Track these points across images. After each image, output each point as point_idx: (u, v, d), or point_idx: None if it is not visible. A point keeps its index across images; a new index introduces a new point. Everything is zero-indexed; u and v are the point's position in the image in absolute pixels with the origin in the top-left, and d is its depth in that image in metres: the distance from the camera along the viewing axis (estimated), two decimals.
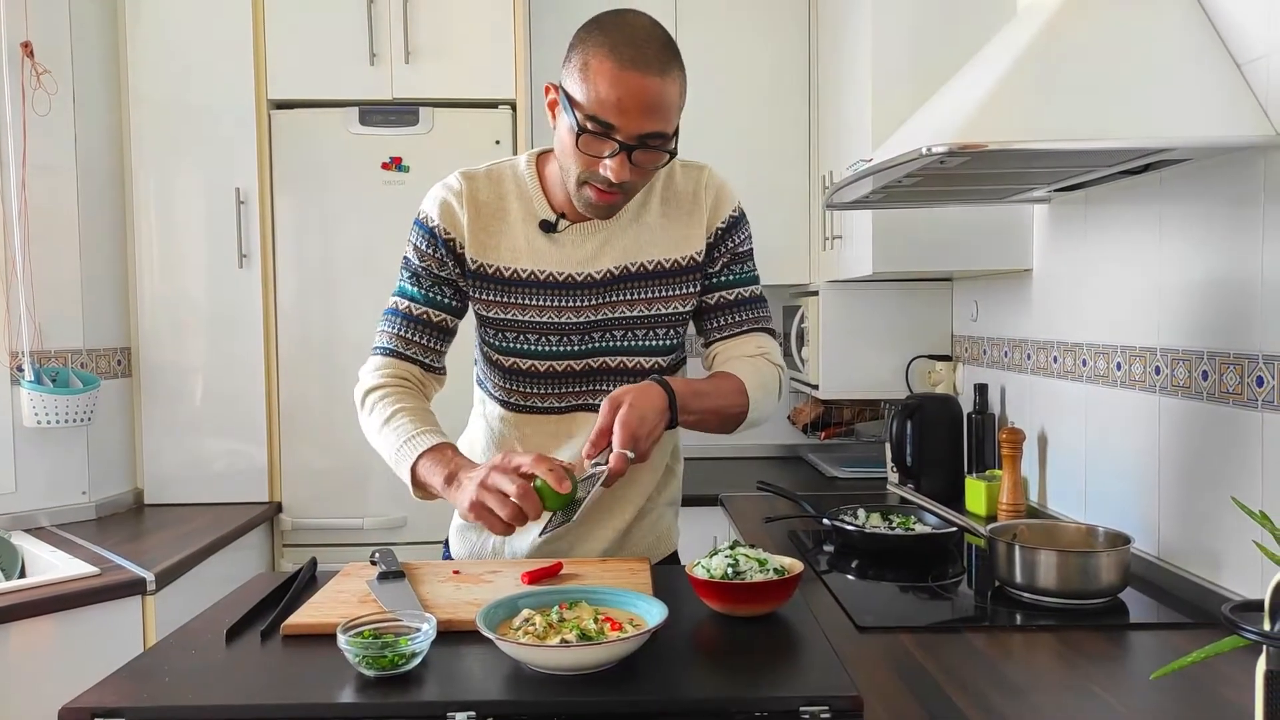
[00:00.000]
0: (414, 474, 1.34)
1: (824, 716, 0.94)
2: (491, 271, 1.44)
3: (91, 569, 2.01)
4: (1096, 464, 1.89)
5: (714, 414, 1.38)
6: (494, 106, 2.76)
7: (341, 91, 2.72)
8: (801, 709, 0.95)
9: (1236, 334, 1.46)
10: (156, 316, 2.72)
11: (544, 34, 2.98)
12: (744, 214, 1.51)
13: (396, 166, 2.72)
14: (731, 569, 1.21)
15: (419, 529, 2.72)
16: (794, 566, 1.24)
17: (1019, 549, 1.50)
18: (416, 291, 1.46)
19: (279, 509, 2.76)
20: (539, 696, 0.97)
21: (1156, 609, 1.49)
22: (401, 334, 1.46)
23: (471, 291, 1.46)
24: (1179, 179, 1.59)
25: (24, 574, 2.17)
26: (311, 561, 1.43)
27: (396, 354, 1.46)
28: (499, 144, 2.73)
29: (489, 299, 1.45)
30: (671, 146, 1.33)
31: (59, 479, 2.49)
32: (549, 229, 1.43)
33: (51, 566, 2.09)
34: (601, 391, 1.44)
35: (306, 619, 1.18)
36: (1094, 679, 1.18)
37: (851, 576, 1.71)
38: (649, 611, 1.11)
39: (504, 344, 1.46)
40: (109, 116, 2.67)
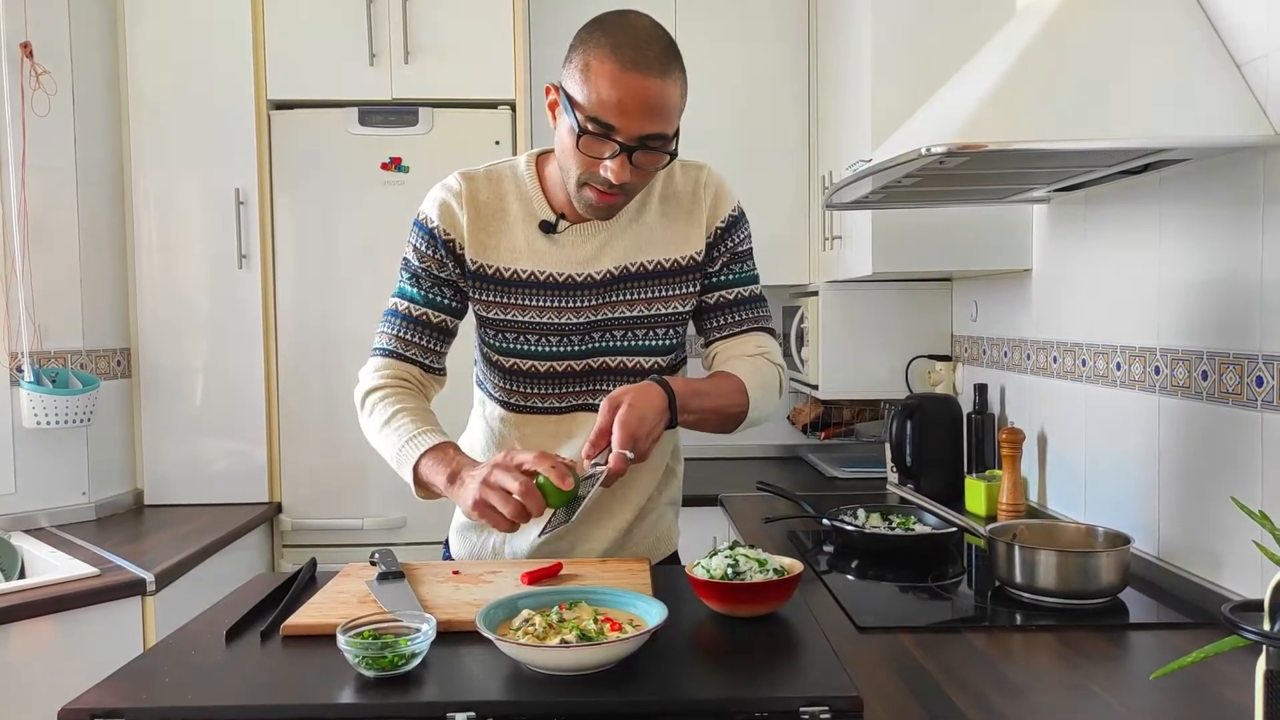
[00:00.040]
0: (416, 473, 1.34)
1: (824, 716, 0.94)
2: (491, 272, 1.44)
3: (91, 570, 2.01)
4: (1096, 464, 1.89)
5: (714, 414, 1.38)
6: (493, 107, 2.76)
7: (341, 92, 2.72)
8: (801, 709, 0.95)
9: (1236, 334, 1.46)
10: (156, 317, 2.72)
11: (544, 34, 2.98)
12: (743, 213, 1.51)
13: (396, 167, 2.72)
14: (731, 569, 1.21)
15: (419, 529, 2.72)
16: (794, 567, 1.24)
17: (1019, 549, 1.50)
18: (416, 293, 1.46)
19: (279, 509, 2.76)
20: (539, 697, 0.97)
21: (1156, 609, 1.49)
22: (401, 335, 1.46)
23: (471, 292, 1.46)
24: (1178, 179, 1.59)
25: (24, 575, 2.17)
26: (311, 562, 1.43)
27: (396, 355, 1.46)
28: (498, 144, 2.73)
29: (489, 300, 1.45)
30: (672, 148, 1.33)
31: (59, 480, 2.49)
32: (549, 229, 1.43)
33: (51, 567, 2.09)
34: (601, 391, 1.44)
35: (306, 619, 1.18)
36: (1094, 679, 1.18)
37: (851, 577, 1.71)
38: (649, 612, 1.11)
39: (504, 344, 1.46)
40: (108, 117, 2.67)
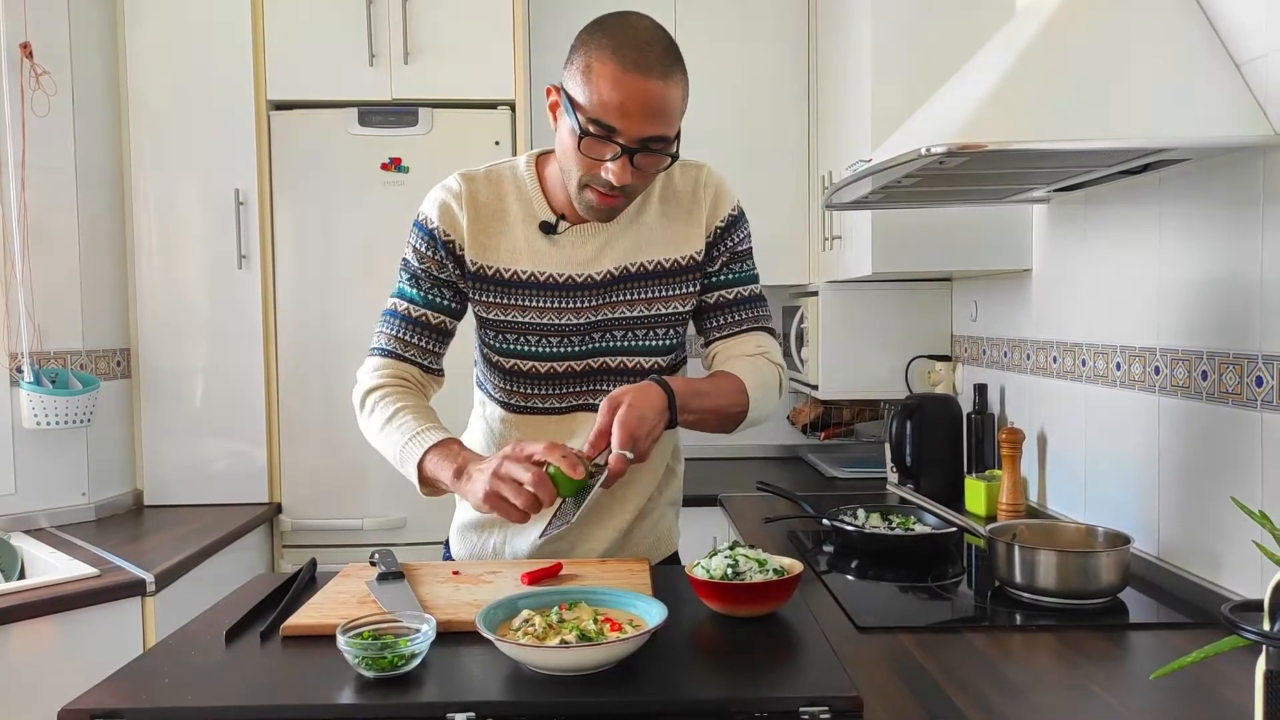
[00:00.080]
0: (421, 471, 1.34)
1: (824, 716, 0.94)
2: (491, 273, 1.44)
3: (91, 570, 2.01)
4: (1096, 464, 1.89)
5: (714, 413, 1.38)
6: (493, 107, 2.76)
7: (341, 92, 2.72)
8: (801, 709, 0.95)
9: (1236, 334, 1.46)
10: (156, 317, 2.72)
11: (543, 34, 2.98)
12: (743, 213, 1.51)
13: (396, 167, 2.72)
14: (731, 569, 1.21)
15: (419, 530, 2.72)
16: (793, 567, 1.24)
17: (1019, 549, 1.50)
18: (416, 294, 1.46)
19: (279, 510, 2.76)
20: (538, 697, 0.97)
21: (1156, 609, 1.49)
22: (400, 336, 1.46)
23: (471, 293, 1.46)
24: (1178, 179, 1.59)
25: (24, 575, 2.17)
26: (311, 562, 1.43)
27: (395, 355, 1.46)
28: (498, 145, 2.73)
29: (489, 300, 1.45)
30: (673, 150, 1.33)
31: (58, 480, 2.49)
32: (549, 230, 1.43)
33: (51, 568, 2.09)
34: (602, 392, 1.44)
35: (306, 620, 1.18)
36: (1094, 679, 1.18)
37: (851, 577, 1.71)
38: (648, 612, 1.11)
39: (504, 345, 1.46)
40: (108, 117, 2.67)
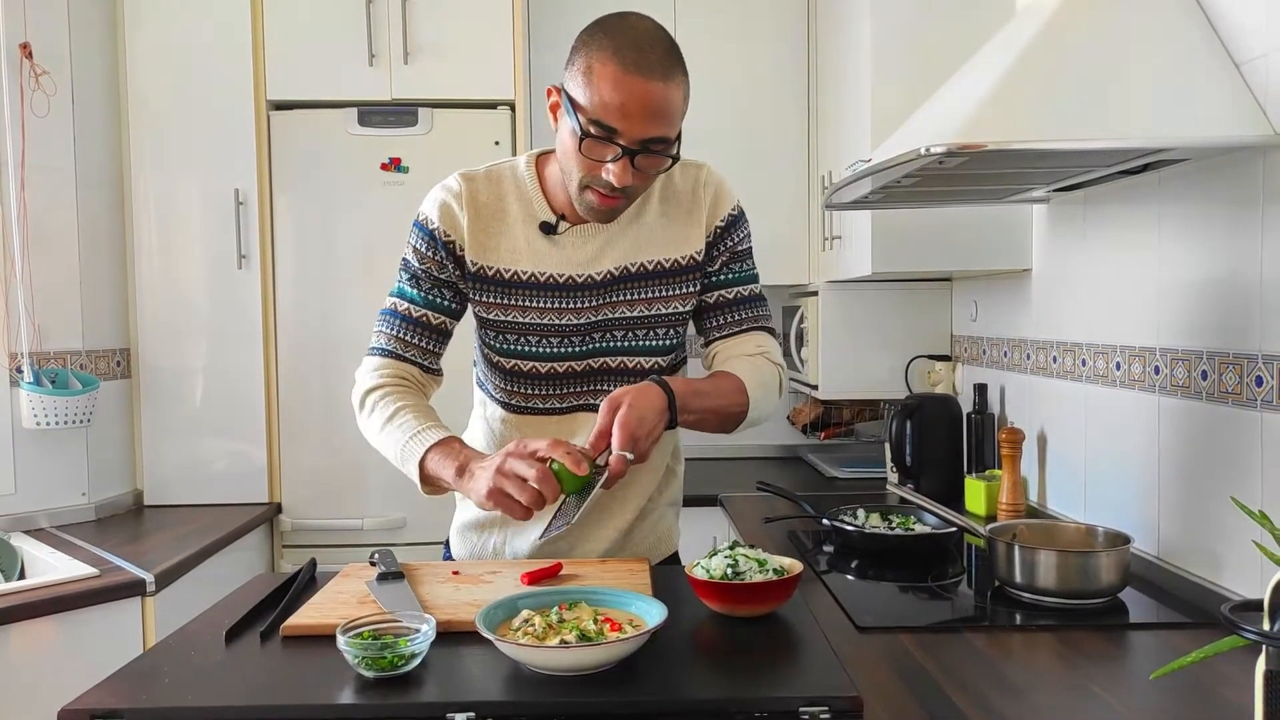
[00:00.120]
0: (422, 469, 1.34)
1: (824, 717, 0.94)
2: (491, 274, 1.44)
3: (91, 570, 2.01)
4: (1096, 464, 1.89)
5: (714, 413, 1.38)
6: (493, 107, 2.76)
7: (340, 92, 2.72)
8: (801, 709, 0.95)
9: (1235, 334, 1.46)
10: (156, 317, 2.72)
11: (543, 34, 2.98)
12: (743, 212, 1.51)
13: (396, 167, 2.72)
14: (731, 569, 1.21)
15: (419, 530, 2.72)
16: (793, 567, 1.24)
17: (1019, 549, 1.50)
18: (416, 294, 1.46)
19: (278, 510, 2.76)
20: (538, 697, 0.97)
21: (1156, 609, 1.49)
22: (400, 336, 1.46)
23: (471, 294, 1.46)
24: (1178, 179, 1.59)
25: (23, 575, 2.17)
26: (311, 562, 1.43)
27: (395, 355, 1.45)
28: (498, 145, 2.73)
29: (489, 301, 1.45)
30: (674, 151, 1.32)
31: (58, 480, 2.49)
32: (549, 230, 1.43)
33: (51, 568, 2.09)
34: (602, 392, 1.44)
35: (306, 620, 1.18)
36: (1094, 679, 1.18)
37: (851, 576, 1.71)
38: (648, 612, 1.11)
39: (504, 346, 1.46)
40: (108, 117, 2.67)
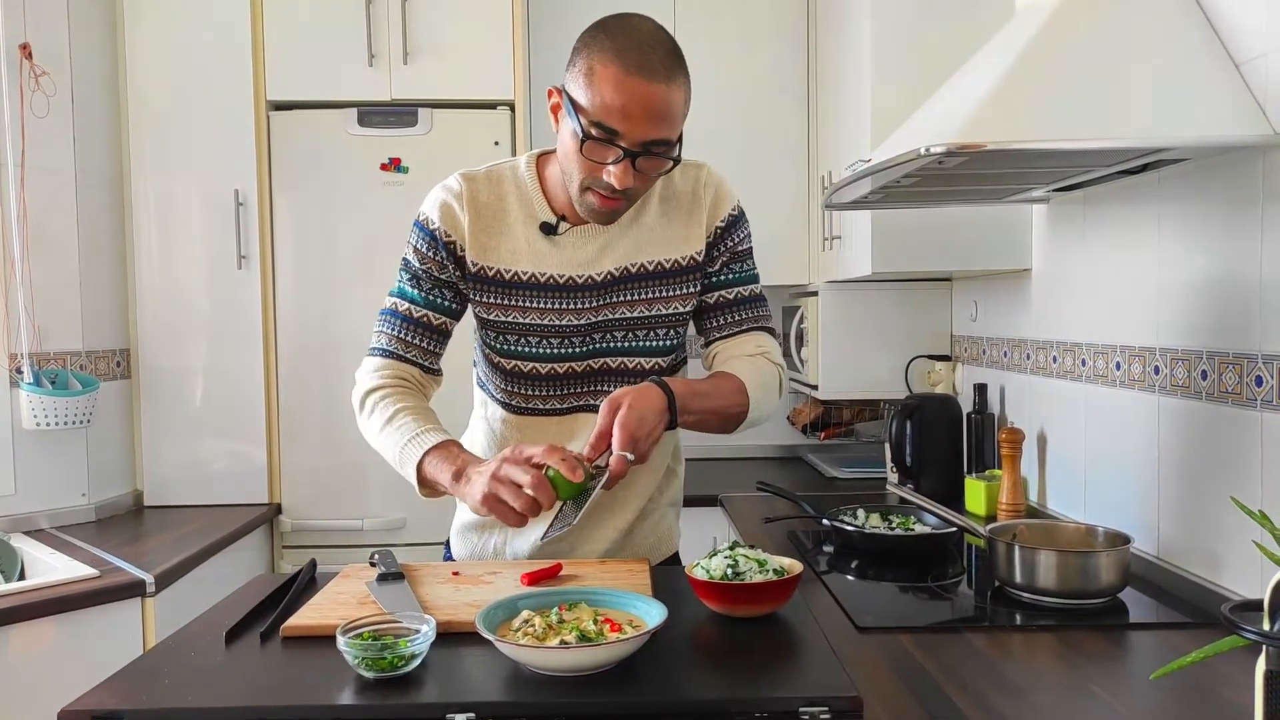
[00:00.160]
0: (420, 472, 1.34)
1: (824, 717, 0.94)
2: (492, 274, 1.44)
3: (91, 571, 2.01)
4: (1096, 464, 1.89)
5: (714, 414, 1.38)
6: (493, 107, 2.76)
7: (340, 92, 2.72)
8: (801, 709, 0.95)
9: (1235, 334, 1.46)
10: (155, 318, 2.72)
11: (542, 34, 2.98)
12: (743, 212, 1.51)
13: (395, 167, 2.72)
14: (731, 570, 1.21)
15: (419, 530, 2.72)
16: (793, 567, 1.24)
17: (1019, 549, 1.50)
18: (417, 294, 1.46)
19: (278, 510, 2.76)
20: (538, 698, 0.97)
21: (1156, 609, 1.49)
22: (401, 336, 1.46)
23: (471, 294, 1.46)
24: (1177, 179, 1.59)
25: (23, 576, 2.17)
26: (311, 563, 1.43)
27: (396, 356, 1.45)
28: (498, 145, 2.73)
29: (489, 301, 1.45)
30: (675, 153, 1.32)
31: (58, 481, 2.49)
32: (549, 231, 1.43)
33: (51, 569, 2.09)
34: (602, 392, 1.44)
35: (306, 620, 1.18)
36: (1094, 679, 1.18)
37: (851, 577, 1.71)
38: (648, 612, 1.11)
39: (505, 346, 1.46)
40: (108, 118, 2.67)
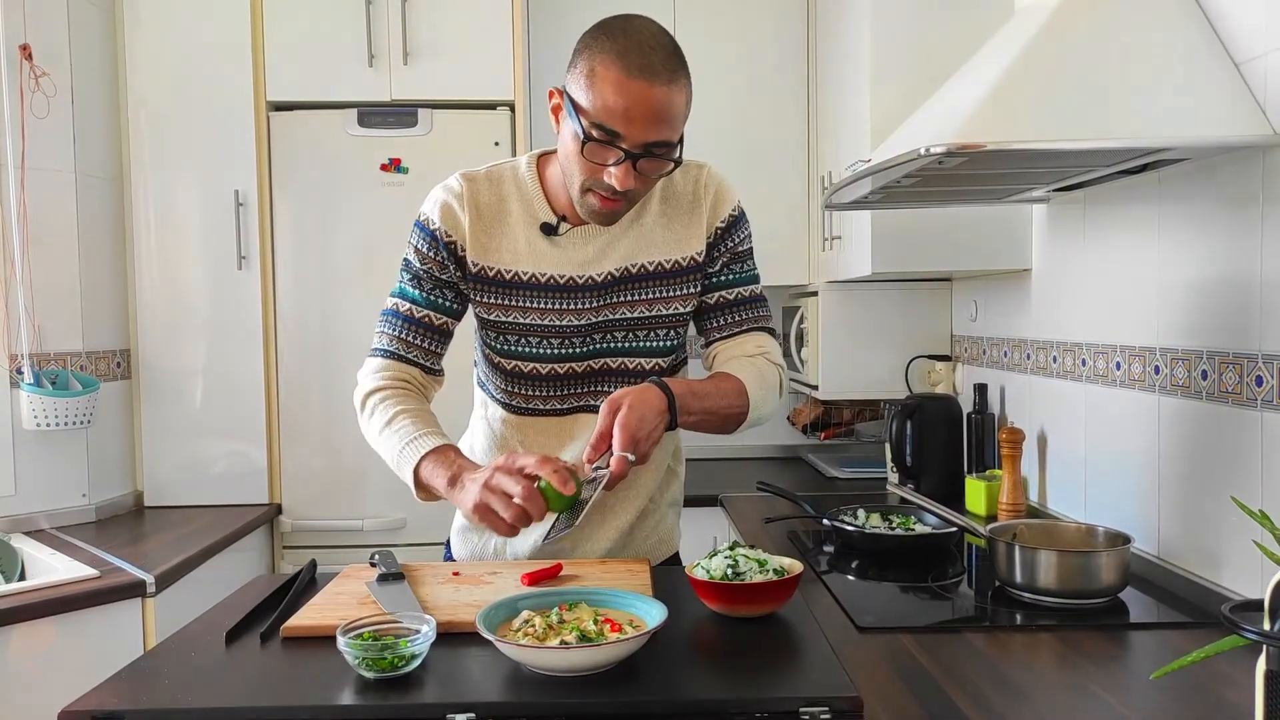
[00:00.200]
0: (417, 476, 1.34)
1: (824, 717, 0.94)
2: (492, 274, 1.44)
3: (91, 571, 2.01)
4: (1096, 464, 1.89)
5: (714, 415, 1.38)
6: (493, 108, 2.76)
7: (340, 93, 2.72)
8: (801, 709, 0.95)
9: (1236, 333, 1.46)
10: (156, 319, 2.72)
11: (542, 35, 2.98)
12: (743, 213, 1.51)
13: (395, 168, 2.72)
14: (731, 570, 1.21)
15: (419, 530, 2.72)
16: (794, 567, 1.24)
17: (1019, 549, 1.50)
18: (418, 294, 1.46)
19: (279, 511, 2.76)
20: (538, 698, 0.97)
21: (1156, 609, 1.49)
22: (402, 337, 1.46)
23: (472, 294, 1.46)
24: (1177, 179, 1.59)
25: (24, 577, 2.17)
26: (311, 563, 1.43)
27: (397, 356, 1.45)
28: (498, 145, 2.73)
29: (489, 302, 1.45)
30: (677, 155, 1.32)
31: (59, 481, 2.49)
32: (550, 231, 1.43)
33: (51, 569, 2.08)
34: (603, 393, 1.44)
35: (306, 621, 1.18)
36: (1094, 679, 1.18)
37: (851, 577, 1.71)
38: (648, 613, 1.11)
39: (505, 347, 1.46)
40: (108, 119, 2.67)
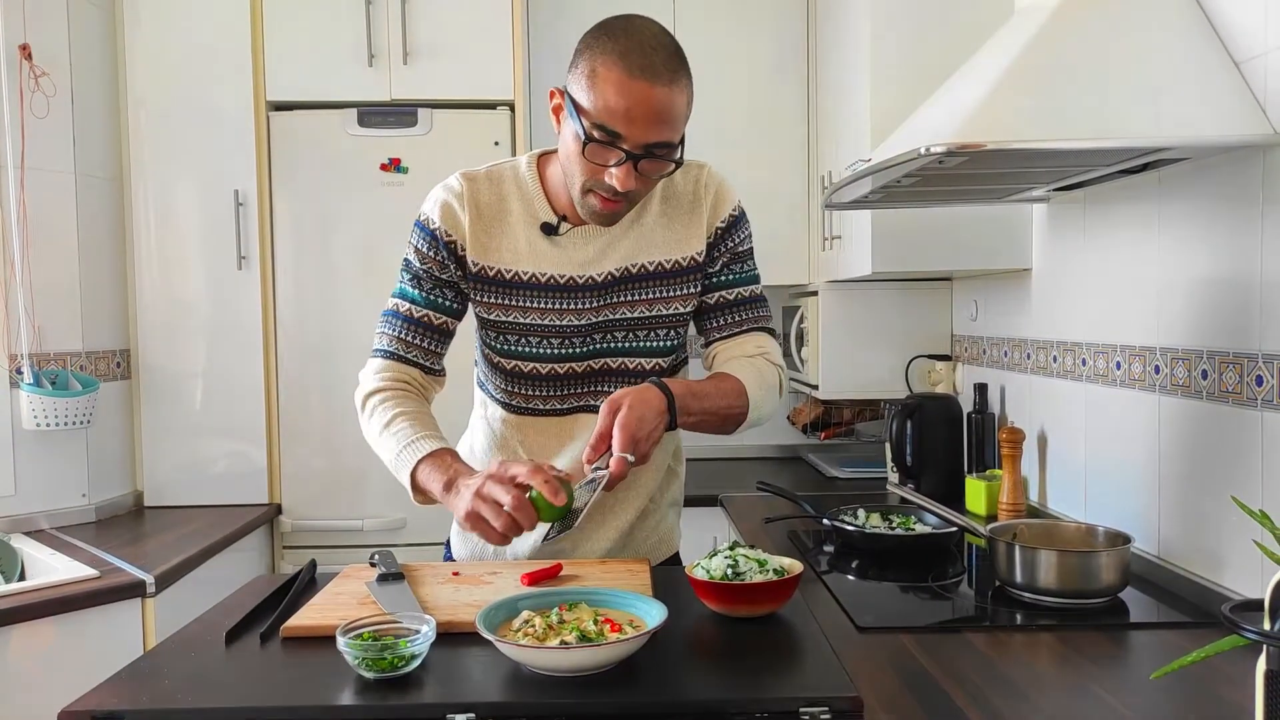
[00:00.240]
0: (414, 479, 1.34)
1: (824, 717, 0.94)
2: (492, 274, 1.44)
3: (91, 571, 2.01)
4: (1096, 463, 1.88)
5: (713, 415, 1.38)
6: (492, 108, 2.76)
7: (340, 93, 2.72)
8: (801, 709, 0.95)
9: (1236, 333, 1.46)
10: (155, 319, 2.72)
11: (542, 34, 2.98)
12: (744, 213, 1.51)
13: (395, 168, 2.72)
14: (731, 570, 1.21)
15: (419, 530, 2.71)
16: (794, 567, 1.24)
17: (1019, 549, 1.50)
18: (418, 294, 1.46)
19: (279, 511, 2.76)
20: (538, 698, 0.97)
21: (1156, 609, 1.49)
22: (402, 337, 1.46)
23: (472, 294, 1.46)
24: (1177, 178, 1.59)
25: (24, 577, 2.17)
26: (311, 563, 1.43)
27: (397, 357, 1.45)
28: (498, 145, 2.73)
29: (490, 301, 1.45)
30: (678, 155, 1.32)
31: (58, 481, 2.49)
32: (550, 231, 1.43)
33: (51, 569, 2.08)
34: (603, 393, 1.44)
35: (306, 621, 1.18)
36: (1094, 679, 1.18)
37: (851, 576, 1.71)
38: (648, 613, 1.11)
39: (505, 347, 1.46)
40: (107, 119, 2.67)
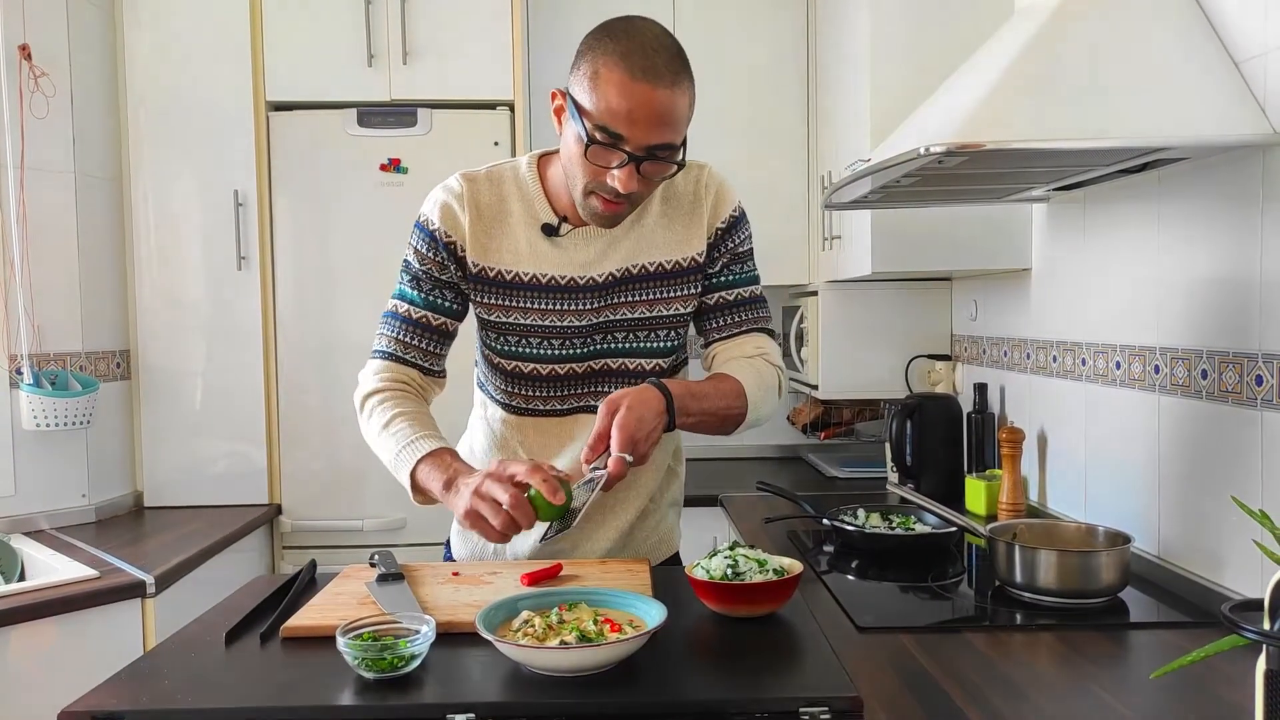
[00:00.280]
0: (413, 479, 1.34)
1: (824, 717, 0.94)
2: (493, 275, 1.44)
3: (91, 572, 2.01)
4: (1096, 463, 1.89)
5: (712, 416, 1.38)
6: (492, 108, 2.75)
7: (340, 93, 2.72)
8: (801, 710, 0.95)
9: (1236, 333, 1.46)
10: (155, 319, 2.72)
11: (542, 35, 2.97)
12: (744, 213, 1.51)
13: (395, 168, 2.72)
14: (731, 570, 1.21)
15: (418, 531, 2.71)
16: (793, 567, 1.24)
17: (1019, 549, 1.50)
18: (417, 295, 1.46)
19: (278, 511, 2.76)
20: (538, 698, 0.97)
21: (1156, 608, 1.49)
22: (401, 338, 1.46)
23: (472, 295, 1.46)
24: (1177, 178, 1.59)
25: (23, 577, 2.17)
26: (311, 564, 1.43)
27: (396, 358, 1.45)
28: (497, 145, 2.72)
29: (490, 302, 1.45)
30: (680, 157, 1.32)
31: (58, 482, 2.49)
32: (551, 232, 1.43)
33: (51, 569, 2.08)
34: (603, 393, 1.44)
35: (306, 621, 1.18)
36: (1094, 679, 1.18)
37: (851, 576, 1.71)
38: (648, 613, 1.11)
39: (505, 347, 1.46)
40: (107, 118, 2.67)
